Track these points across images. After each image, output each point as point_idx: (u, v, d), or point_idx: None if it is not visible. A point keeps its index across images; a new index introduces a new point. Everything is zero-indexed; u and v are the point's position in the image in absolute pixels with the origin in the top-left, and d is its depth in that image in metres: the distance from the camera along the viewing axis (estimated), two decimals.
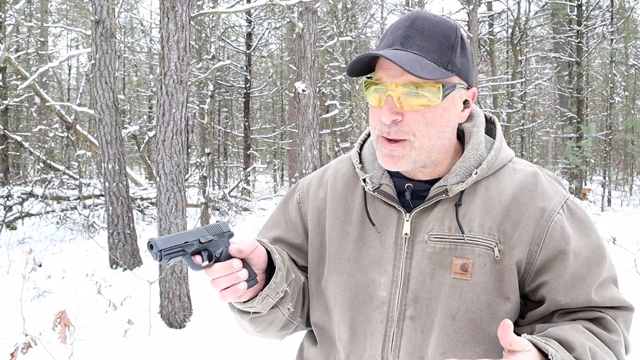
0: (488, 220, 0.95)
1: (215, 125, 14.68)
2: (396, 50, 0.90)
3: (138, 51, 6.94)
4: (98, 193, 9.15)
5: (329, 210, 1.08)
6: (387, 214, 1.01)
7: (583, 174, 16.04)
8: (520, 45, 15.03)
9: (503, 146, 1.01)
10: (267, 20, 14.27)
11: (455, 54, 0.91)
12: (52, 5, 15.07)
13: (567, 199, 0.97)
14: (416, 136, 0.91)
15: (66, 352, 3.53)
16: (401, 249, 0.98)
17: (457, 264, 0.94)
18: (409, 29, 0.91)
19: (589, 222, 0.98)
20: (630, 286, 5.11)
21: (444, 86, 0.89)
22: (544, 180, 0.98)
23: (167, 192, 4.32)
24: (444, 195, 0.96)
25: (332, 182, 1.11)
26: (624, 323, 0.97)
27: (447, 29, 0.91)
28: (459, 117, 0.97)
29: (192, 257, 0.89)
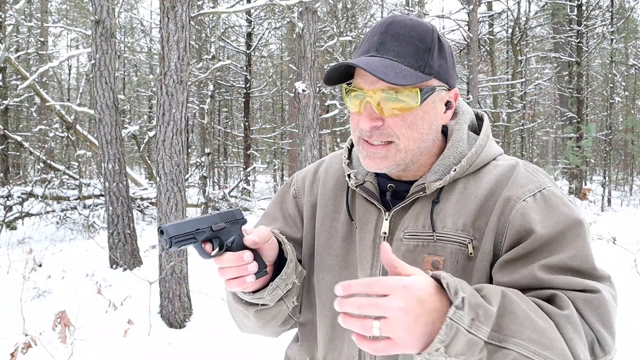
0: (462, 216, 0.93)
1: (215, 125, 14.68)
2: (372, 57, 0.90)
3: (138, 51, 6.93)
4: (98, 193, 9.15)
5: (320, 206, 1.09)
6: (368, 211, 1.02)
7: (583, 174, 16.04)
8: (520, 45, 15.03)
9: (488, 143, 0.99)
10: (267, 20, 14.27)
11: (432, 57, 0.90)
12: (52, 5, 15.08)
13: (542, 188, 0.91)
14: (400, 138, 0.92)
15: (66, 352, 3.53)
16: (377, 248, 0.99)
17: (429, 261, 0.93)
18: (384, 35, 0.91)
19: (565, 211, 0.88)
20: (630, 286, 5.11)
21: (422, 90, 0.89)
22: (520, 171, 0.95)
23: (167, 192, 4.32)
24: (421, 193, 0.96)
25: (324, 177, 1.12)
26: (591, 309, 0.81)
27: (423, 32, 0.91)
28: (441, 119, 0.97)
29: (202, 244, 0.87)
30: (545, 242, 0.86)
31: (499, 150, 1.02)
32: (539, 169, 0.98)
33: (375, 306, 0.68)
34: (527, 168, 0.96)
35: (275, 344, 3.92)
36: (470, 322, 0.70)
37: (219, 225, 0.88)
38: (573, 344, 0.76)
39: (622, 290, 4.29)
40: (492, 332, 0.72)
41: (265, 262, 0.95)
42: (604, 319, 0.81)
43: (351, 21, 13.06)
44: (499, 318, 0.73)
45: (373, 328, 0.68)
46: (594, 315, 0.81)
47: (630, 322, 4.22)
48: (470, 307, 0.71)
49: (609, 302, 0.83)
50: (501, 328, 0.72)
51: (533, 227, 0.86)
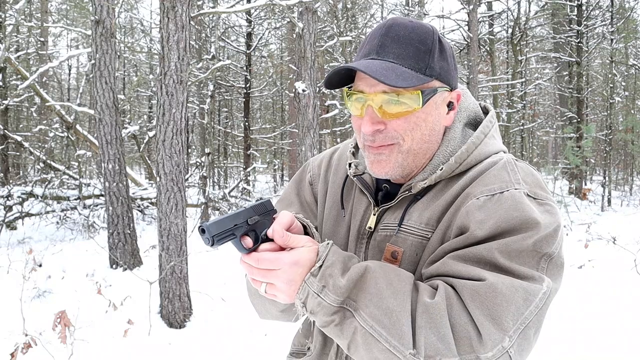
0: (429, 211, 0.93)
1: (215, 125, 14.68)
2: (372, 59, 0.90)
3: (138, 51, 6.94)
4: (98, 193, 9.15)
5: (329, 194, 1.11)
6: (360, 201, 1.03)
7: (583, 174, 16.03)
8: (520, 45, 15.03)
9: (485, 141, 0.96)
10: (267, 20, 14.26)
11: (432, 59, 0.90)
12: (52, 5, 15.07)
13: (506, 190, 0.87)
14: (404, 140, 0.91)
15: (66, 352, 3.52)
16: (362, 240, 1.01)
17: (389, 251, 0.95)
18: (384, 37, 0.91)
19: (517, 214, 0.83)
20: (630, 286, 5.11)
21: (423, 92, 0.89)
22: (496, 169, 0.92)
23: (167, 192, 4.32)
24: (407, 192, 0.96)
25: (336, 165, 1.13)
26: (478, 300, 0.78)
27: (424, 33, 0.91)
28: (444, 120, 0.96)
29: (241, 239, 0.88)
30: (476, 242, 0.84)
31: (497, 147, 0.98)
32: (523, 167, 0.93)
33: (264, 276, 0.86)
34: (506, 166, 0.92)
35: (276, 344, 3.92)
36: (320, 288, 0.83)
37: (254, 218, 0.89)
38: (419, 332, 0.78)
39: (622, 290, 4.30)
40: (348, 300, 0.82)
41: None
42: (492, 312, 0.77)
43: (351, 21, 13.06)
44: (352, 291, 0.82)
45: (261, 288, 0.88)
46: (480, 307, 0.78)
47: (630, 322, 4.22)
48: (322, 277, 0.83)
49: (501, 294, 0.78)
50: (354, 300, 0.81)
51: (470, 226, 0.85)
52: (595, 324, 4.18)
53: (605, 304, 4.69)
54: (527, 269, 0.81)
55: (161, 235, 4.40)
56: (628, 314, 4.38)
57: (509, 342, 0.78)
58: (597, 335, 3.96)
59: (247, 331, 4.24)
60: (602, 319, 4.31)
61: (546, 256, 0.83)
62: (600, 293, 4.98)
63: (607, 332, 4.00)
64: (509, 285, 0.79)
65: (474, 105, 1.05)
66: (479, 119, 1.04)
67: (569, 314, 4.49)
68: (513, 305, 0.78)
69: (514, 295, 0.78)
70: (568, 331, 4.09)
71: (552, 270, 0.84)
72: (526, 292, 0.79)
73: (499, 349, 0.77)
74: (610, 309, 4.54)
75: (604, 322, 4.22)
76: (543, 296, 0.81)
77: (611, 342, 3.83)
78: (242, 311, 4.62)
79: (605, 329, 4.07)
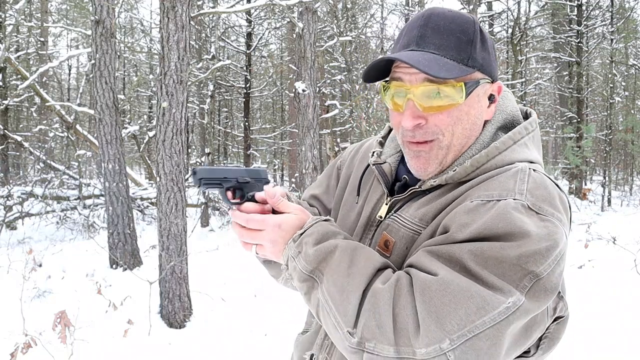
0: (426, 207, 0.91)
1: (215, 125, 14.68)
2: (412, 51, 0.86)
3: (138, 51, 6.94)
4: (98, 193, 9.15)
5: (351, 179, 1.13)
6: (375, 190, 1.04)
7: (583, 174, 16.03)
8: (520, 45, 15.02)
9: (512, 147, 0.90)
10: (267, 20, 14.26)
11: (475, 49, 0.86)
12: (52, 5, 15.07)
13: (502, 198, 0.81)
14: (445, 135, 0.88)
15: (66, 352, 3.52)
16: (371, 227, 1.01)
17: (383, 239, 0.96)
18: (423, 28, 0.87)
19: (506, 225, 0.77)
20: (630, 286, 5.11)
21: (466, 84, 0.85)
22: (505, 175, 0.85)
23: (167, 192, 4.32)
24: (418, 187, 0.95)
25: (364, 152, 1.15)
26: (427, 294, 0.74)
27: (464, 23, 0.87)
28: (485, 114, 0.92)
29: (226, 191, 0.94)
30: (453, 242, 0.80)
31: (526, 156, 0.90)
32: (535, 178, 0.85)
33: (252, 237, 0.93)
34: (518, 173, 0.85)
35: (276, 344, 3.92)
36: (296, 254, 0.88)
37: (244, 178, 0.96)
38: (362, 314, 0.78)
39: (622, 290, 4.30)
40: (317, 271, 0.86)
41: None
42: (437, 309, 0.73)
43: (351, 21, 13.05)
44: (320, 263, 0.86)
45: (252, 249, 0.95)
46: (427, 301, 0.74)
47: (630, 322, 4.22)
48: (300, 243, 0.89)
49: (452, 294, 0.73)
50: (322, 272, 0.85)
51: (452, 227, 0.81)
52: (595, 324, 4.17)
53: (605, 304, 4.69)
54: (498, 279, 0.74)
55: (161, 235, 4.40)
56: (628, 314, 4.37)
57: (448, 345, 0.72)
58: (597, 335, 3.96)
59: (247, 331, 4.24)
60: (602, 319, 4.31)
61: (532, 275, 0.75)
62: (600, 293, 4.98)
63: (607, 332, 4.00)
64: (464, 287, 0.73)
65: (513, 108, 0.98)
66: (517, 123, 0.97)
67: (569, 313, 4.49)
68: (463, 310, 0.72)
69: (467, 300, 0.73)
70: (568, 331, 4.08)
71: (537, 293, 0.75)
72: (483, 301, 0.73)
73: (435, 348, 0.72)
74: (610, 309, 4.53)
75: (604, 322, 4.21)
76: (505, 311, 0.73)
77: (611, 342, 3.83)
78: (242, 311, 4.63)
79: (605, 329, 4.07)
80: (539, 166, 0.91)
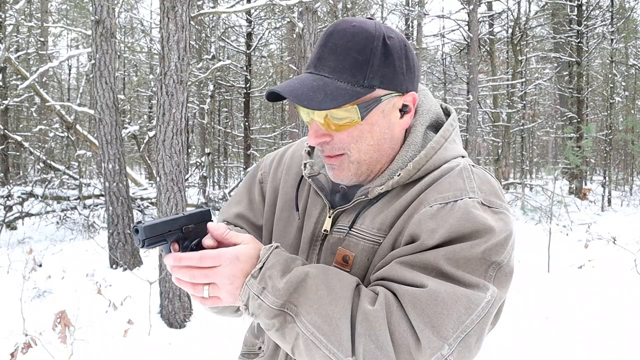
0: (382, 216, 0.91)
1: (215, 125, 14.68)
2: (309, 73, 0.88)
3: (138, 51, 6.94)
4: (98, 193, 9.15)
5: (281, 192, 1.08)
6: (314, 203, 1.01)
7: (583, 174, 16.04)
8: (520, 45, 15.03)
9: (445, 145, 0.95)
10: (267, 20, 14.26)
11: (371, 68, 0.86)
12: (52, 5, 15.07)
13: (460, 198, 0.86)
14: (351, 151, 0.91)
15: (66, 352, 3.52)
16: (316, 242, 0.99)
17: (340, 255, 0.94)
18: (322, 49, 0.88)
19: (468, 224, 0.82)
20: (630, 286, 5.11)
21: (361, 105, 0.86)
22: (451, 175, 0.90)
23: (167, 192, 4.32)
24: (363, 197, 0.95)
25: (289, 162, 1.11)
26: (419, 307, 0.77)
27: (364, 39, 0.86)
28: (399, 125, 0.93)
29: (171, 246, 0.87)
30: (425, 249, 0.83)
31: (457, 152, 0.97)
32: (479, 174, 0.92)
33: (206, 276, 0.82)
34: (462, 172, 0.91)
35: None
36: (260, 290, 0.82)
37: (189, 227, 0.88)
38: (358, 339, 0.77)
39: (622, 290, 4.29)
40: (288, 304, 0.81)
41: None
42: (432, 320, 0.76)
43: None
44: (292, 295, 0.81)
45: (204, 291, 0.84)
46: (420, 314, 0.77)
47: (630, 322, 4.22)
48: (262, 278, 0.82)
49: (442, 302, 0.77)
50: (297, 304, 0.81)
51: (422, 234, 0.84)
52: (595, 324, 4.18)
53: (605, 304, 4.69)
54: (472, 276, 0.80)
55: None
56: (628, 314, 4.38)
57: (448, 350, 0.76)
58: (597, 335, 3.96)
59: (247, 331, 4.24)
60: (602, 319, 4.31)
61: (495, 264, 0.82)
62: (600, 293, 4.98)
63: (607, 332, 4.00)
64: (451, 293, 0.78)
65: (436, 107, 1.02)
66: (441, 121, 1.01)
67: (569, 314, 4.49)
68: (454, 314, 0.77)
69: (456, 303, 0.77)
70: (568, 331, 4.09)
71: (500, 279, 0.83)
72: (469, 301, 0.78)
73: (437, 356, 0.76)
74: (610, 309, 4.54)
75: (604, 322, 4.22)
76: (486, 305, 0.79)
77: (611, 342, 3.83)
78: None
79: (605, 329, 4.07)
80: (469, 159, 0.98)
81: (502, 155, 15.26)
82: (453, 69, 16.70)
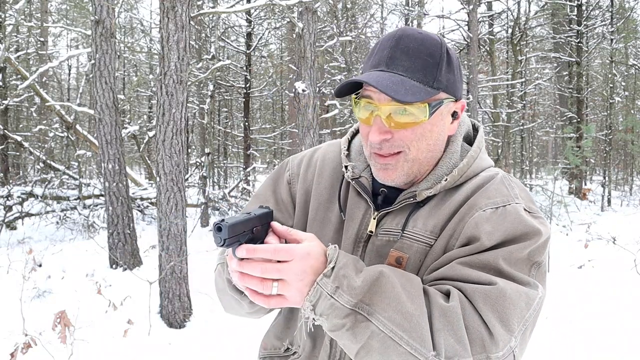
0: (434, 219, 0.96)
1: (215, 125, 14.68)
2: (381, 71, 0.92)
3: (138, 51, 6.92)
4: (98, 193, 9.15)
5: (314, 195, 1.09)
6: (357, 205, 1.03)
7: (583, 174, 16.04)
8: (520, 45, 15.03)
9: (480, 155, 1.02)
10: (267, 20, 14.26)
11: (440, 72, 0.92)
12: (52, 5, 15.07)
13: (508, 204, 0.93)
14: (410, 149, 0.94)
15: (66, 352, 3.52)
16: (359, 244, 1.00)
17: (393, 256, 0.96)
18: (394, 49, 0.93)
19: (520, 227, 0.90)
20: (630, 286, 5.11)
21: (430, 104, 0.91)
22: (494, 182, 0.98)
23: (167, 192, 4.32)
24: (411, 199, 0.98)
25: (321, 164, 1.12)
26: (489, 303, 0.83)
27: (432, 46, 0.93)
28: (448, 130, 1.00)
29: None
30: (483, 250, 0.89)
31: (489, 162, 1.05)
32: (517, 183, 1.00)
33: (278, 271, 0.79)
34: (503, 181, 0.99)
35: None
36: (334, 289, 0.80)
37: (258, 228, 0.86)
38: (438, 334, 0.80)
39: (622, 290, 4.29)
40: (360, 303, 0.80)
41: None
42: (501, 314, 0.83)
43: (351, 21, 13.06)
44: (367, 293, 0.81)
45: (273, 288, 0.81)
46: (491, 309, 0.83)
47: (630, 322, 4.22)
48: (336, 277, 0.81)
49: (509, 298, 0.84)
50: (370, 302, 0.81)
51: (481, 236, 0.90)
52: (595, 324, 4.18)
53: (605, 304, 4.69)
54: (524, 275, 0.88)
55: (161, 235, 4.40)
56: (628, 314, 4.38)
57: (514, 342, 0.84)
58: (597, 335, 3.96)
59: (247, 331, 4.24)
60: (602, 319, 4.31)
61: (536, 264, 0.90)
62: (600, 293, 4.98)
63: (607, 332, 4.00)
64: (514, 290, 0.85)
65: (468, 121, 1.10)
66: (470, 134, 1.10)
67: (569, 314, 4.49)
68: (518, 309, 0.84)
69: (519, 299, 0.85)
70: (568, 331, 4.09)
71: (539, 277, 0.91)
72: (528, 297, 0.86)
73: (507, 348, 0.83)
74: (610, 309, 4.54)
75: (604, 322, 4.22)
76: (540, 301, 0.88)
77: (611, 342, 3.83)
78: None
79: (605, 329, 4.08)
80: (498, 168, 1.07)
81: (502, 155, 15.27)
82: None
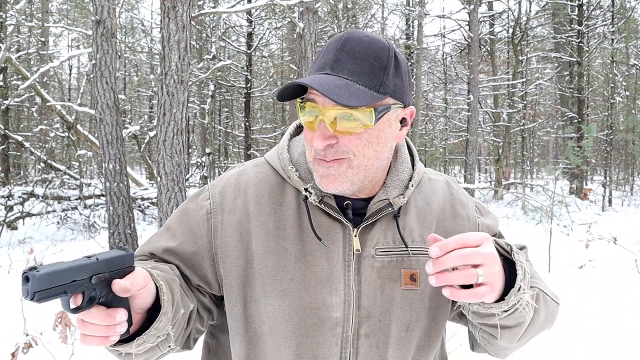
0: (426, 230, 1.00)
1: (216, 125, 14.69)
2: (326, 74, 0.87)
3: (139, 51, 6.93)
4: (99, 193, 9.16)
5: (258, 224, 0.98)
6: (332, 228, 0.96)
7: (584, 174, 16.04)
8: (521, 45, 15.03)
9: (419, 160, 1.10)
10: (267, 20, 14.27)
11: (387, 76, 0.88)
12: (53, 5, 15.09)
13: (475, 201, 1.10)
14: (355, 155, 0.89)
15: (67, 352, 3.53)
16: (349, 266, 0.95)
17: (407, 275, 0.95)
18: (339, 52, 0.88)
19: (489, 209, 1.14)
20: (630, 286, 5.11)
21: (377, 109, 0.87)
22: (456, 189, 1.10)
23: (168, 192, 4.33)
24: (389, 209, 0.95)
25: (254, 190, 1.00)
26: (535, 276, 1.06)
27: (379, 49, 0.89)
28: (396, 137, 0.95)
29: (74, 296, 0.70)
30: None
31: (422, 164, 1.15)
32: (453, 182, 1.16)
33: (478, 254, 0.76)
34: (455, 184, 1.12)
35: None
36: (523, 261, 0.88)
37: (100, 277, 0.71)
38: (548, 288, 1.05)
39: (622, 290, 4.27)
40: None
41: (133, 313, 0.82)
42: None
43: (352, 21, 13.06)
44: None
45: (478, 275, 0.77)
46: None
47: (630, 322, 4.22)
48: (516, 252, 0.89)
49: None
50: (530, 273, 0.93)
51: (497, 230, 1.11)
52: (595, 324, 4.18)
53: (605, 304, 4.69)
54: None
55: None
56: (628, 314, 4.38)
57: None
58: (597, 335, 3.96)
59: None
60: (602, 319, 4.31)
61: None
62: (601, 293, 4.98)
63: (607, 332, 4.00)
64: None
65: None
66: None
67: (569, 314, 4.49)
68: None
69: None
70: (568, 331, 4.09)
71: None
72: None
73: None
74: (610, 309, 4.54)
75: (604, 322, 4.22)
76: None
77: (611, 342, 3.83)
78: None
79: (605, 329, 4.07)
80: None
81: (503, 155, 15.27)
82: (454, 69, 16.71)
